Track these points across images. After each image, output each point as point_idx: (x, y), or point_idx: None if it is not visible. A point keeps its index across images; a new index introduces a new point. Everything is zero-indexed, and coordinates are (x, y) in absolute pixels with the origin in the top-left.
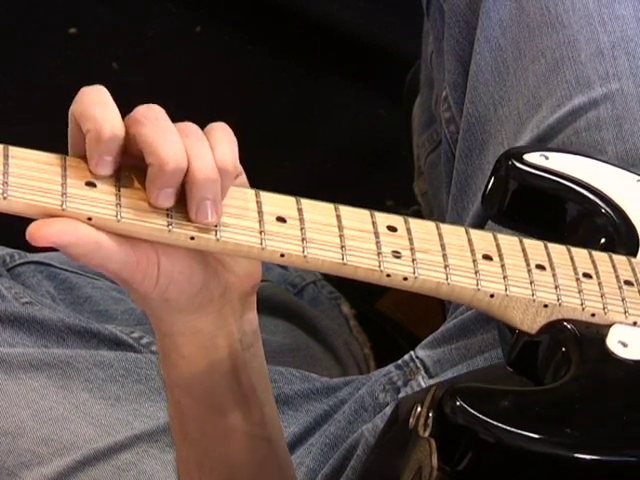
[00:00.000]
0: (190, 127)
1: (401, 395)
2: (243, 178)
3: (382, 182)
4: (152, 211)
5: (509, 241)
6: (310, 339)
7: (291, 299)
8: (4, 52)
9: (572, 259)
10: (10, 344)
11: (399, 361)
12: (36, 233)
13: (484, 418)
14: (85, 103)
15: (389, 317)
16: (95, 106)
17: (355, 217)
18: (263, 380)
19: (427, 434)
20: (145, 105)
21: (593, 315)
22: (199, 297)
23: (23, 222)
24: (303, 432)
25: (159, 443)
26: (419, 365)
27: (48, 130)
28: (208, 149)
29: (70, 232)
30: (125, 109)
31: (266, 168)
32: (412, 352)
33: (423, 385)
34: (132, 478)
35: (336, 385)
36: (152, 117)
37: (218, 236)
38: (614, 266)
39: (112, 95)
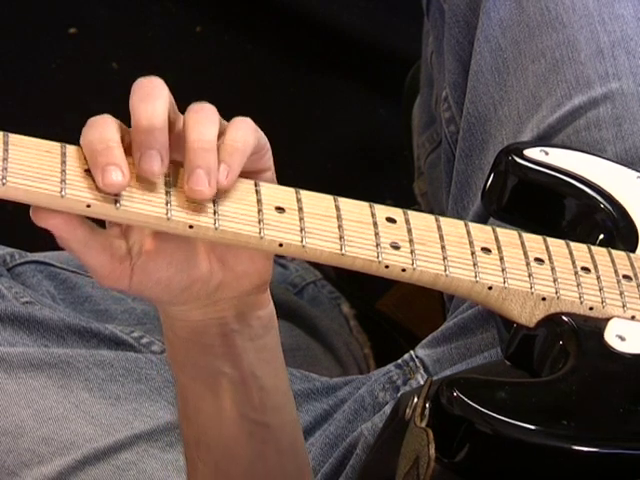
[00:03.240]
0: (205, 107)
1: (400, 394)
2: (271, 174)
3: (382, 182)
4: (151, 199)
5: (508, 234)
6: (310, 339)
7: (291, 299)
8: (4, 52)
9: (571, 253)
10: (10, 343)
11: (399, 360)
12: None
13: (481, 409)
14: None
15: (389, 317)
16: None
17: (354, 208)
18: (271, 370)
19: (424, 424)
20: (147, 77)
21: (591, 309)
22: (181, 297)
23: (23, 222)
24: (303, 431)
25: (159, 443)
26: (419, 364)
27: (48, 130)
28: (211, 127)
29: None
30: (125, 109)
31: None
32: (412, 351)
33: None
34: (132, 477)
35: (336, 385)
36: (144, 89)
37: (217, 225)
38: (613, 260)
39: (112, 95)
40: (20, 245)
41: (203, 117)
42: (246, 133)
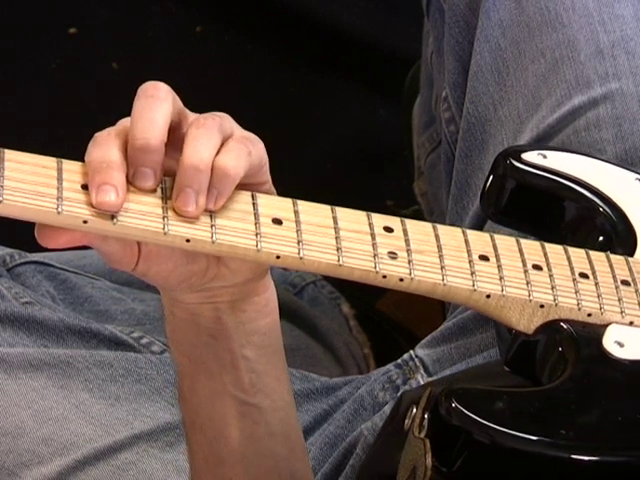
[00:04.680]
0: (207, 123)
1: (401, 393)
2: (267, 187)
3: (382, 182)
4: (148, 214)
5: (506, 241)
6: (310, 339)
7: (291, 299)
8: (4, 52)
9: (569, 259)
10: (10, 344)
11: (398, 360)
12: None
13: (479, 419)
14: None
15: (389, 317)
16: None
17: (352, 218)
18: (263, 354)
19: (422, 435)
20: (152, 82)
21: (590, 315)
22: (178, 287)
23: (23, 222)
24: (303, 431)
25: (159, 443)
26: (418, 364)
27: (48, 130)
28: (209, 145)
29: None
30: (125, 109)
31: None
32: (412, 351)
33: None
34: (132, 477)
35: (336, 385)
36: (149, 94)
37: (214, 238)
38: (611, 266)
39: (112, 95)
40: (20, 245)
41: (202, 133)
42: (238, 157)
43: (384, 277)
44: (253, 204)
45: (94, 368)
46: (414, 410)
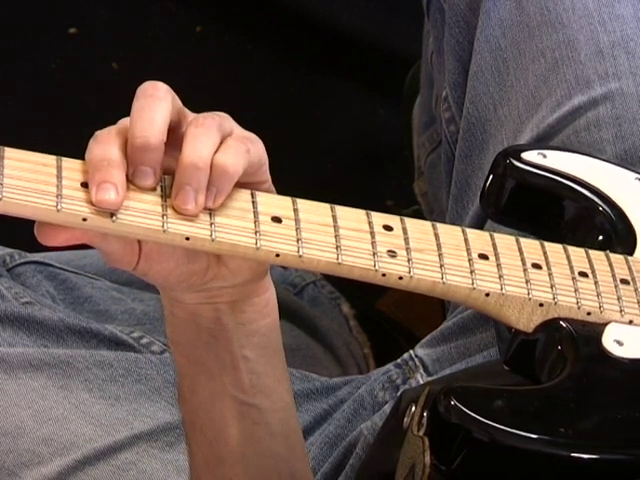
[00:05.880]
0: (206, 122)
1: (402, 391)
2: (267, 186)
3: (382, 182)
4: (147, 212)
5: (505, 240)
6: (310, 339)
7: (291, 299)
8: (4, 52)
9: (568, 258)
10: (10, 344)
11: (398, 360)
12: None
13: (478, 417)
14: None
15: (389, 317)
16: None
17: (351, 217)
18: (263, 354)
19: (421, 433)
20: (151, 82)
21: (589, 314)
22: (178, 286)
23: (23, 222)
24: (303, 431)
25: (159, 443)
26: (418, 364)
27: (48, 130)
28: (208, 143)
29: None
30: (125, 109)
31: None
32: (411, 351)
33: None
34: (132, 478)
35: (336, 385)
36: (148, 94)
37: (213, 236)
38: (611, 265)
39: (112, 95)
40: (20, 245)
41: (202, 132)
42: (236, 155)
43: (383, 275)
44: (252, 202)
45: (94, 368)
46: (413, 408)
